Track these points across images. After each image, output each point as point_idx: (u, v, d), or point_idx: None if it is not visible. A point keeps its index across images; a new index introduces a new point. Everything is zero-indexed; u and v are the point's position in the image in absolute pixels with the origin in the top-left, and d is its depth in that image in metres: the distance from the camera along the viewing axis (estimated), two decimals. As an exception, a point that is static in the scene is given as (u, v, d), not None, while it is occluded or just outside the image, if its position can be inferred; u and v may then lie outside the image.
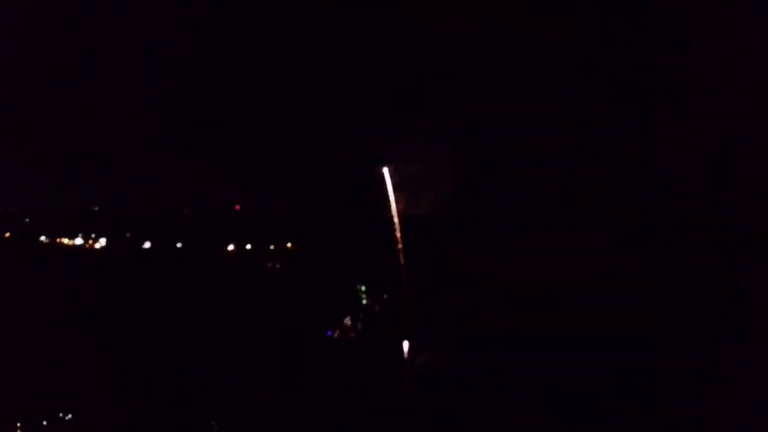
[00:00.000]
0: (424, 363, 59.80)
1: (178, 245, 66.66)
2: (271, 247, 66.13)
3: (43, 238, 68.06)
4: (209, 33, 63.78)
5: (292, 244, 65.94)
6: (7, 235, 68.41)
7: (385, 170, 61.00)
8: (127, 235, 67.78)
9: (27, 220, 69.27)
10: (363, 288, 63.39)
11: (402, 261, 61.35)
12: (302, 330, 60.52)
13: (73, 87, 64.74)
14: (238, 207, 68.19)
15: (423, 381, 58.98)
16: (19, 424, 54.55)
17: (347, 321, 62.34)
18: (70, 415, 55.46)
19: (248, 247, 66.22)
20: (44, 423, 55.17)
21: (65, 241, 68.03)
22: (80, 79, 64.81)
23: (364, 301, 63.37)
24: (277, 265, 65.73)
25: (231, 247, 66.22)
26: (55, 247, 67.69)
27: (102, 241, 67.80)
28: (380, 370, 59.51)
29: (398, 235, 61.30)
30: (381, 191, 61.02)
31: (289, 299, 62.53)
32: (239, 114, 64.07)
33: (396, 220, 61.34)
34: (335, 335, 61.80)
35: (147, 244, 67.00)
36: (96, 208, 69.58)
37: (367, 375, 58.74)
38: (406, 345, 60.29)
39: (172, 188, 66.34)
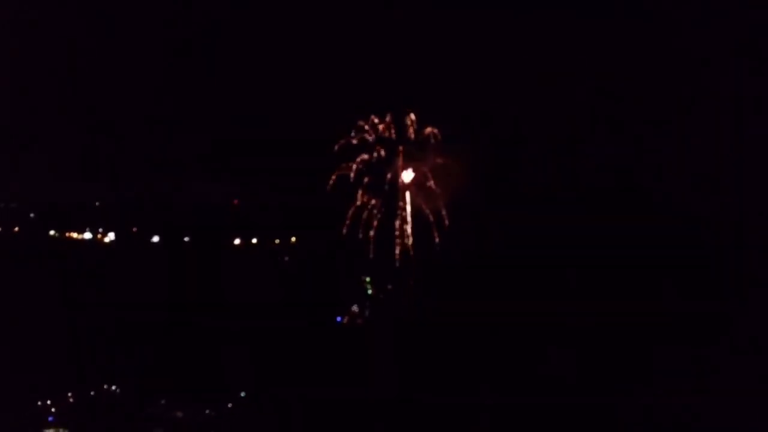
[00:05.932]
0: (426, 350, 61.59)
1: (186, 239, 67.77)
2: (276, 241, 67.28)
3: (52, 232, 68.75)
4: (209, 33, 64.14)
5: (296, 239, 67.18)
6: (16, 229, 68.98)
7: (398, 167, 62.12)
8: (134, 229, 68.66)
9: (32, 215, 69.79)
10: (368, 279, 64.95)
11: (410, 254, 62.71)
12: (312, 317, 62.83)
13: (76, 86, 65.25)
14: (236, 201, 69.05)
15: (424, 367, 60.67)
16: (70, 394, 58.28)
17: (355, 308, 64.41)
18: (114, 386, 59.24)
19: (254, 240, 67.38)
20: (92, 393, 59.01)
21: (74, 235, 68.81)
22: (83, 78, 65.35)
23: (370, 291, 65.14)
24: (286, 258, 67.15)
25: (237, 241, 67.34)
26: (64, 241, 68.52)
27: (111, 235, 68.68)
28: (385, 355, 61.32)
29: (409, 230, 62.54)
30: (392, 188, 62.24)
31: (298, 290, 64.61)
32: (240, 112, 64.66)
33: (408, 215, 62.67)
34: (344, 321, 64.23)
35: (155, 238, 67.98)
36: (97, 203, 70.26)
37: (373, 359, 60.67)
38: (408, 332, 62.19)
39: (175, 185, 67.02)
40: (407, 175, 62.70)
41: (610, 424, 53.10)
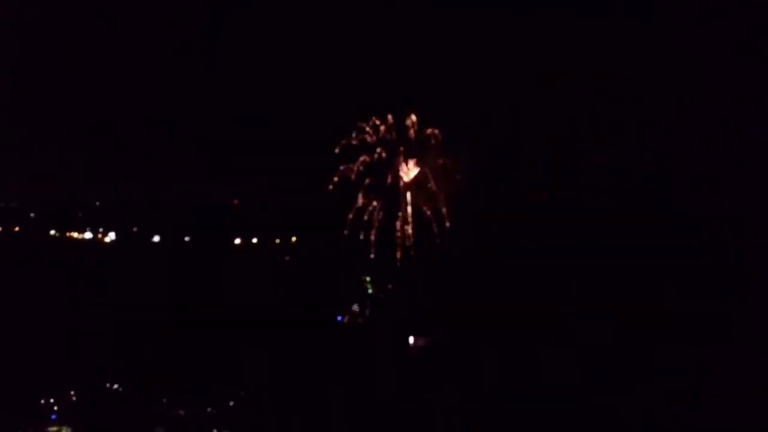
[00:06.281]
0: (425, 347, 61.82)
1: (186, 239, 67.90)
2: (277, 241, 67.44)
3: (52, 232, 68.90)
4: (209, 33, 64.23)
5: (297, 239, 67.33)
6: (16, 229, 69.13)
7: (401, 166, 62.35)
8: (134, 229, 68.81)
9: (32, 215, 69.95)
10: (369, 279, 65.15)
11: (411, 254, 62.90)
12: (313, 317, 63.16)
13: (76, 86, 65.32)
14: (236, 201, 69.17)
15: (424, 364, 60.84)
16: (72, 393, 58.73)
17: (355, 308, 64.65)
18: (116, 385, 59.69)
19: (254, 240, 67.53)
20: (94, 392, 59.48)
21: (75, 235, 68.96)
22: (83, 78, 65.39)
23: (370, 291, 65.35)
24: (286, 258, 67.36)
25: (238, 241, 67.48)
26: (65, 241, 68.70)
27: (111, 235, 68.82)
28: (386, 353, 61.56)
29: (409, 230, 62.72)
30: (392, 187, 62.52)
31: (299, 290, 64.89)
32: (240, 112, 64.75)
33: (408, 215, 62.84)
34: (345, 320, 64.53)
35: (156, 238, 68.12)
36: (97, 203, 70.39)
37: (374, 357, 60.92)
38: (409, 329, 62.46)
39: (175, 185, 67.13)
40: (411, 171, 62.76)
41: (610, 424, 53.12)
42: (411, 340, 61.82)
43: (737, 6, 55.65)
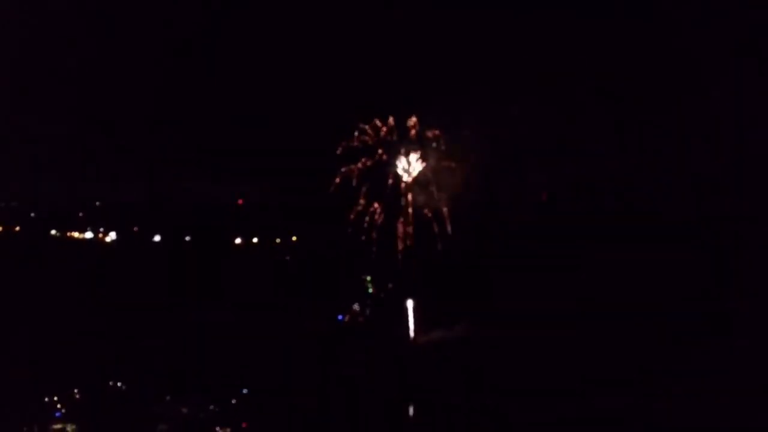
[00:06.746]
0: (426, 345, 62.07)
1: (187, 238, 68.01)
2: (278, 240, 67.55)
3: (53, 231, 69.06)
4: (209, 33, 64.26)
5: (297, 238, 67.46)
6: (17, 229, 69.27)
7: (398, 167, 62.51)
8: (135, 229, 68.93)
9: (32, 214, 70.09)
10: (369, 278, 65.29)
11: (411, 254, 63.04)
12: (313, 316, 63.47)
13: (76, 86, 65.38)
14: (240, 201, 69.25)
15: (424, 362, 61.01)
16: (76, 391, 59.43)
17: (356, 307, 64.79)
18: (119, 384, 60.38)
19: (255, 240, 67.65)
20: (98, 390, 60.42)
21: (75, 234, 69.10)
22: (83, 78, 65.44)
23: (371, 290, 65.48)
24: (287, 257, 67.51)
25: (238, 241, 67.59)
26: (65, 241, 68.86)
27: (112, 235, 68.93)
28: (386, 351, 61.76)
29: (410, 229, 62.83)
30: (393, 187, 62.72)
31: (299, 289, 65.09)
32: (240, 113, 64.82)
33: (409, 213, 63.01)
34: (346, 319, 64.66)
35: (157, 238, 68.21)
36: (97, 203, 70.49)
37: (375, 356, 61.12)
38: (410, 328, 62.64)
39: (175, 185, 67.27)
40: (414, 167, 62.71)
41: (611, 424, 53.29)
42: (410, 323, 62.04)
43: (737, 6, 55.79)
